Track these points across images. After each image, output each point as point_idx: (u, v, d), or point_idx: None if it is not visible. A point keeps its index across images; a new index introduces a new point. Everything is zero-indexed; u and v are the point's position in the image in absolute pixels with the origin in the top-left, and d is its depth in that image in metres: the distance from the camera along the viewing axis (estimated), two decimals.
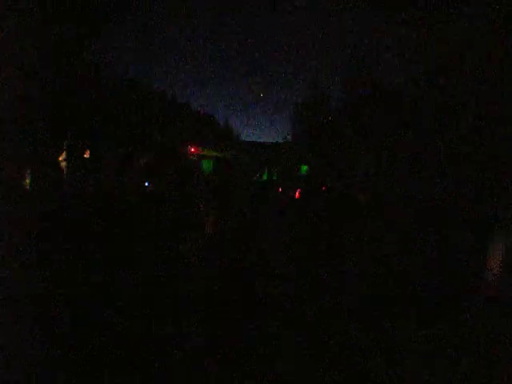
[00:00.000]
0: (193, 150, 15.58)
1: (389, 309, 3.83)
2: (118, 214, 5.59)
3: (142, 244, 4.79)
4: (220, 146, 18.39)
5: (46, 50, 3.47)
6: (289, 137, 25.94)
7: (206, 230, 5.94)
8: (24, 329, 2.71)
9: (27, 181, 4.27)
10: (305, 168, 18.36)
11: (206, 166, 17.26)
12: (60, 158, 5.40)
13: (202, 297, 3.85)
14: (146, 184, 9.16)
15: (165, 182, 9.14)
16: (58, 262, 3.85)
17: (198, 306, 3.65)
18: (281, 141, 26.49)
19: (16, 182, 3.15)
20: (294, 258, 5.51)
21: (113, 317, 3.23)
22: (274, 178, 18.99)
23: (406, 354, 3.03)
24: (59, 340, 2.87)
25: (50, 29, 3.31)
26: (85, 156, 7.74)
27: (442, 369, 2.88)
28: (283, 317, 3.67)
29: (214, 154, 17.30)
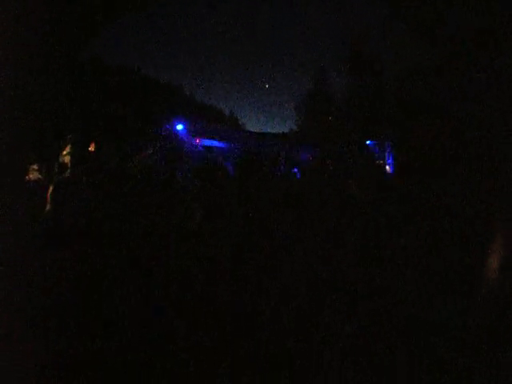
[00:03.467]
0: (197, 140, 15.56)
1: None
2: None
3: None
4: (226, 136, 18.35)
5: (48, 44, 3.47)
6: (295, 127, 25.86)
7: None
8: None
9: (30, 176, 4.32)
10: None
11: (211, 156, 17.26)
12: (64, 152, 5.44)
13: None
14: None
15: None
16: None
17: None
18: (287, 131, 26.42)
19: (18, 177, 3.18)
20: None
21: None
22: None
23: None
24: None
25: (51, 22, 3.30)
26: (90, 149, 7.76)
27: None
28: None
29: (220, 144, 17.28)
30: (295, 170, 15.71)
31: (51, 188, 4.60)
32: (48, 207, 4.58)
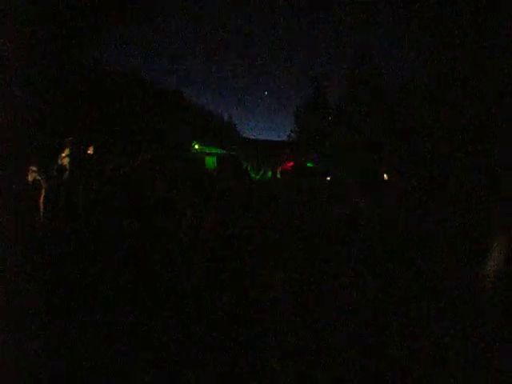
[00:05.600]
0: (196, 146, 15.60)
1: None
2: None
3: None
4: (223, 143, 18.38)
5: (47, 46, 3.47)
6: (293, 134, 25.95)
7: None
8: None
9: (29, 177, 4.29)
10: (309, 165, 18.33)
11: (209, 163, 17.28)
12: (63, 154, 5.40)
13: None
14: None
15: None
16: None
17: None
18: (285, 139, 26.51)
19: (18, 178, 3.16)
20: None
21: None
22: (278, 176, 18.95)
23: None
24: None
25: (49, 24, 3.32)
26: (89, 152, 7.71)
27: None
28: None
29: (218, 151, 17.30)
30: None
31: (43, 194, 4.55)
32: (41, 214, 4.52)
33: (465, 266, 4.12)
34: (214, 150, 17.15)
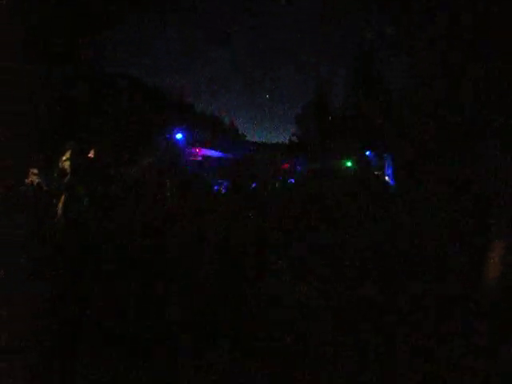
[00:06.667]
0: (197, 150, 15.61)
1: None
2: None
3: None
4: (226, 146, 18.39)
5: (48, 49, 3.51)
6: (294, 137, 25.97)
7: None
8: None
9: (30, 180, 4.33)
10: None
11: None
12: (64, 158, 5.44)
13: None
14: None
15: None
16: None
17: None
18: (287, 141, 26.52)
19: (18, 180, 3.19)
20: None
21: None
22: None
23: None
24: None
25: (51, 28, 3.35)
26: (90, 155, 7.73)
27: None
28: None
29: (220, 154, 17.34)
30: (292, 180, 15.68)
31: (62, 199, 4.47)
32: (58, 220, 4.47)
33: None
34: (215, 153, 17.18)
